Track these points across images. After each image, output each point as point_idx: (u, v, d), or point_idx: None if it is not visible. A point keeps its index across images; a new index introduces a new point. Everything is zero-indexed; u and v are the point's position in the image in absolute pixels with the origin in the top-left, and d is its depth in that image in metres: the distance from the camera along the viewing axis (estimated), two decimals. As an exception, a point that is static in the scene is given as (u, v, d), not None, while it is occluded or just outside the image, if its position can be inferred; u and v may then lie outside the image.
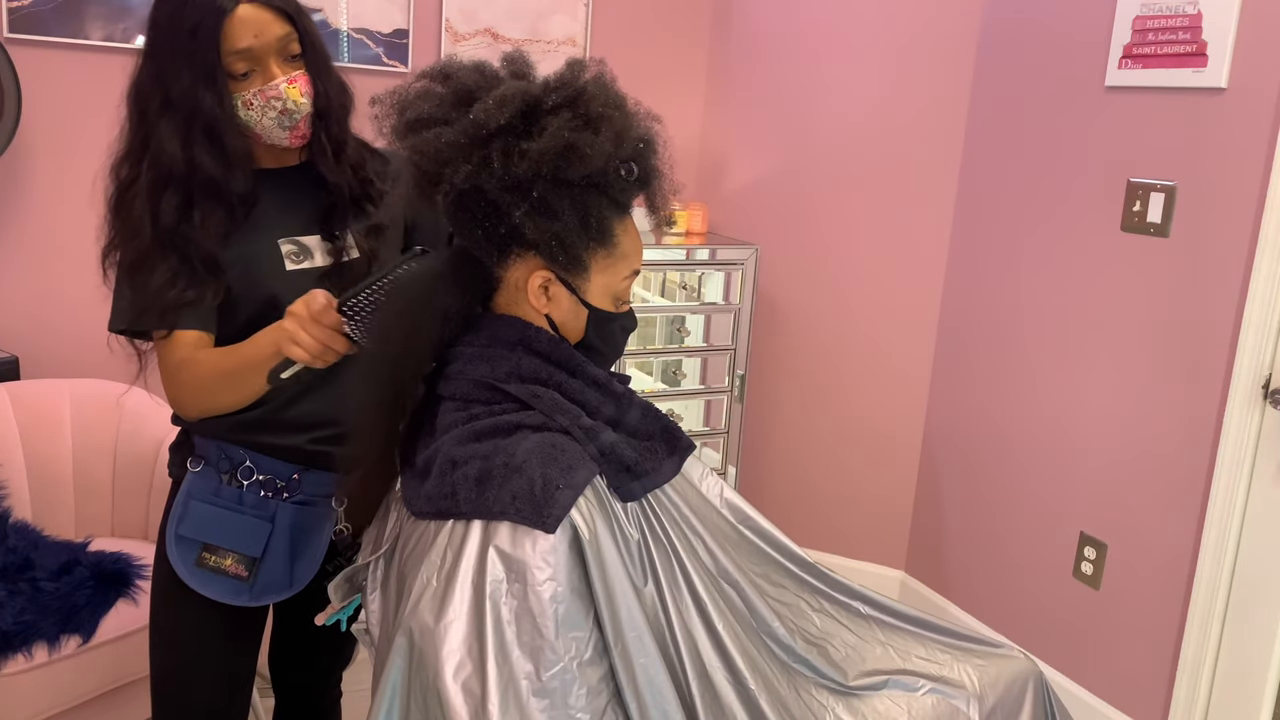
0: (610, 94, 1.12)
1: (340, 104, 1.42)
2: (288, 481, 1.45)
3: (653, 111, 1.17)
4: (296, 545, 1.46)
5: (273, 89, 1.33)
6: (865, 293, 2.99)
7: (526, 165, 1.07)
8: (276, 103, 1.33)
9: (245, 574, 1.42)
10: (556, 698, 1.00)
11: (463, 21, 2.89)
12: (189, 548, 1.42)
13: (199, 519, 1.43)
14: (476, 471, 1.07)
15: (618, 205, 1.15)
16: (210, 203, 1.33)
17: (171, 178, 1.31)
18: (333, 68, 1.42)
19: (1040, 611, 2.62)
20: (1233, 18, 2.08)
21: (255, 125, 1.35)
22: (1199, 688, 2.23)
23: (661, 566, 1.12)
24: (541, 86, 1.12)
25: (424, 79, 1.15)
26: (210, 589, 1.42)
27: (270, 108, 1.34)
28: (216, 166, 1.32)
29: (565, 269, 1.14)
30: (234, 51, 1.30)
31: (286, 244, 1.41)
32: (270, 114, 1.34)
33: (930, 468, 2.97)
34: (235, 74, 1.32)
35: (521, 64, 1.17)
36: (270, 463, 1.44)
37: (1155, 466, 2.31)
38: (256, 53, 1.31)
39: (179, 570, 1.42)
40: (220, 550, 1.43)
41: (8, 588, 1.93)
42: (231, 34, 1.29)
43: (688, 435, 1.23)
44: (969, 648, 1.31)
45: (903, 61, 2.84)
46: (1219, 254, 2.15)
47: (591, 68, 1.15)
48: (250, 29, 1.30)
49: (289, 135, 1.37)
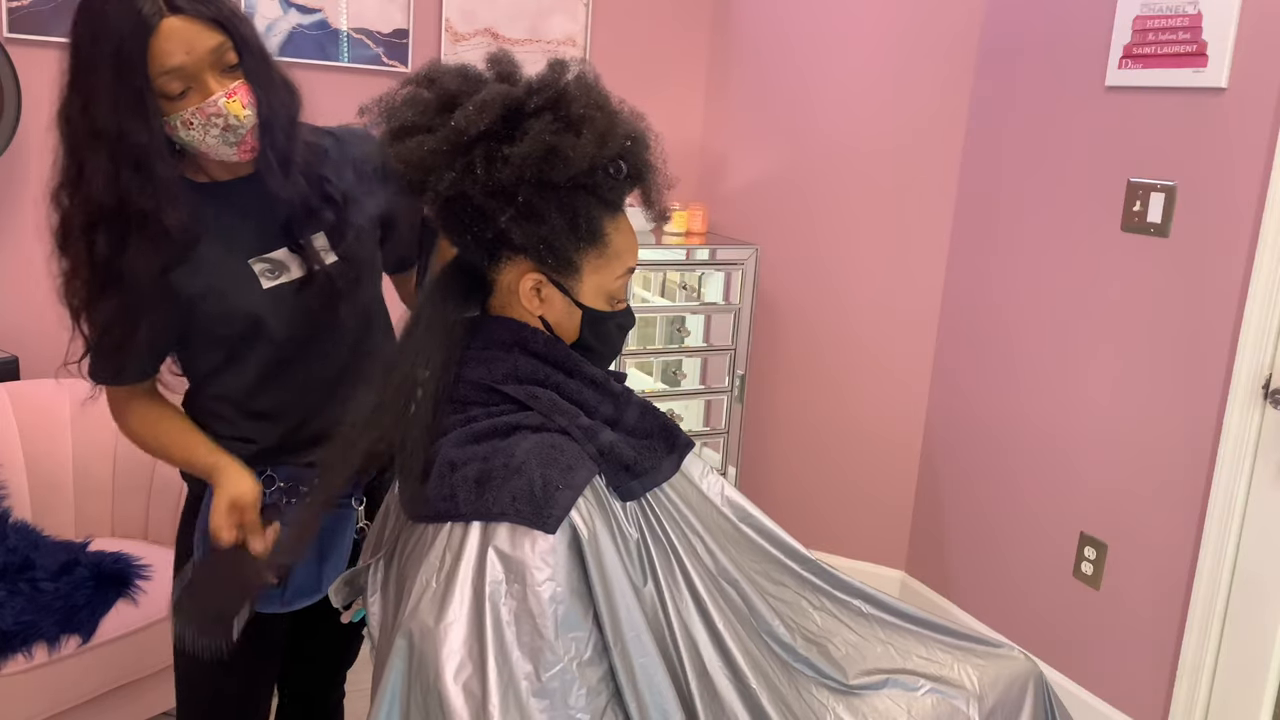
0: (593, 94, 1.11)
1: (286, 112, 1.31)
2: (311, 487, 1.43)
3: (638, 109, 1.16)
4: (324, 547, 1.44)
5: (212, 106, 1.23)
6: (865, 293, 2.99)
7: (509, 170, 1.06)
8: (218, 120, 1.24)
9: (276, 581, 1.39)
10: (556, 698, 1.00)
11: (463, 21, 2.89)
12: None
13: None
14: (476, 473, 1.07)
15: (608, 204, 1.14)
16: (144, 239, 1.24)
17: (103, 214, 1.23)
18: (275, 71, 1.31)
19: (1040, 611, 2.62)
20: (1233, 18, 2.08)
21: (199, 144, 1.26)
22: (1199, 688, 2.23)
23: (661, 566, 1.12)
24: (523, 89, 1.11)
25: (410, 84, 1.14)
26: None
27: (212, 125, 1.24)
28: (148, 200, 1.23)
29: (556, 271, 1.13)
30: (165, 71, 1.20)
31: (258, 263, 1.36)
32: (213, 132, 1.25)
33: (930, 468, 2.97)
34: (170, 94, 1.22)
35: (507, 64, 1.16)
36: (290, 470, 1.43)
37: (1155, 466, 2.31)
38: (190, 69, 1.21)
39: None
40: None
41: (8, 588, 1.93)
42: (160, 53, 1.19)
43: (686, 433, 1.23)
44: (969, 647, 1.31)
45: (903, 61, 2.84)
46: (1219, 254, 2.14)
47: (574, 68, 1.13)
48: (180, 45, 1.20)
49: (237, 151, 1.28)
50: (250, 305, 1.35)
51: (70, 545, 2.11)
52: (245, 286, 1.35)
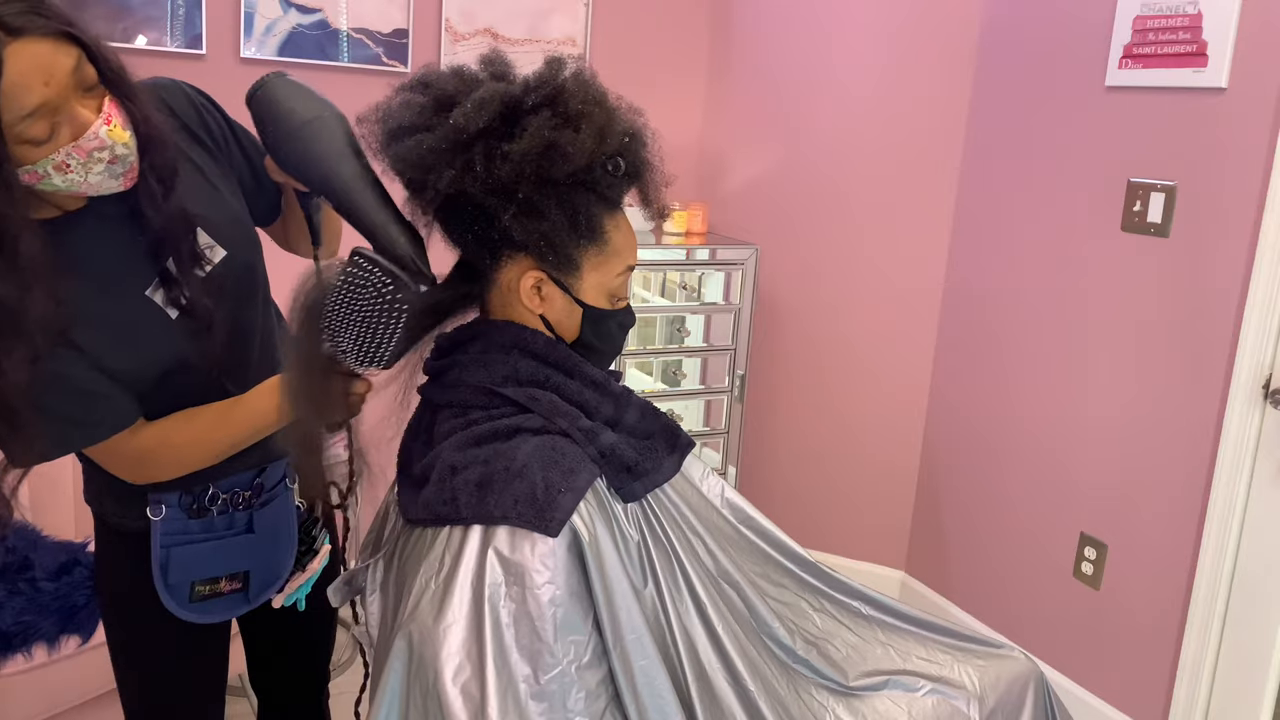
0: (590, 90, 1.11)
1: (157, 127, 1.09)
2: (251, 488, 1.39)
3: (635, 105, 1.16)
4: (277, 537, 1.43)
5: (92, 140, 1.01)
6: (865, 293, 2.99)
7: (509, 167, 1.06)
8: (101, 154, 1.02)
9: (240, 586, 1.38)
10: (555, 701, 1.00)
11: (462, 21, 2.88)
12: (180, 590, 1.35)
13: (183, 563, 1.34)
14: (477, 477, 1.07)
15: (607, 201, 1.14)
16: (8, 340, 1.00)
17: None
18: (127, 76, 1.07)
19: (1040, 611, 2.62)
20: (1233, 18, 2.08)
21: (78, 187, 1.03)
22: (1199, 688, 2.23)
23: (661, 567, 1.12)
24: (521, 87, 1.11)
25: (403, 91, 1.14)
26: (212, 614, 1.37)
27: (94, 162, 1.02)
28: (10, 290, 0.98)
29: (556, 268, 1.13)
30: (24, 116, 0.95)
31: (154, 291, 1.18)
32: (96, 169, 1.03)
33: (930, 468, 2.97)
34: (35, 141, 0.98)
35: (500, 64, 1.16)
36: (228, 480, 1.37)
37: (1155, 466, 2.31)
38: (54, 101, 0.98)
39: (176, 612, 1.34)
40: (210, 578, 1.36)
41: (7, 588, 1.93)
42: (13, 94, 0.94)
43: (687, 433, 1.23)
44: (970, 648, 1.31)
45: (903, 61, 2.84)
46: (1219, 254, 2.14)
47: (571, 65, 1.14)
48: (37, 75, 0.95)
49: (123, 181, 1.07)
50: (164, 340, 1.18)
51: (70, 545, 2.11)
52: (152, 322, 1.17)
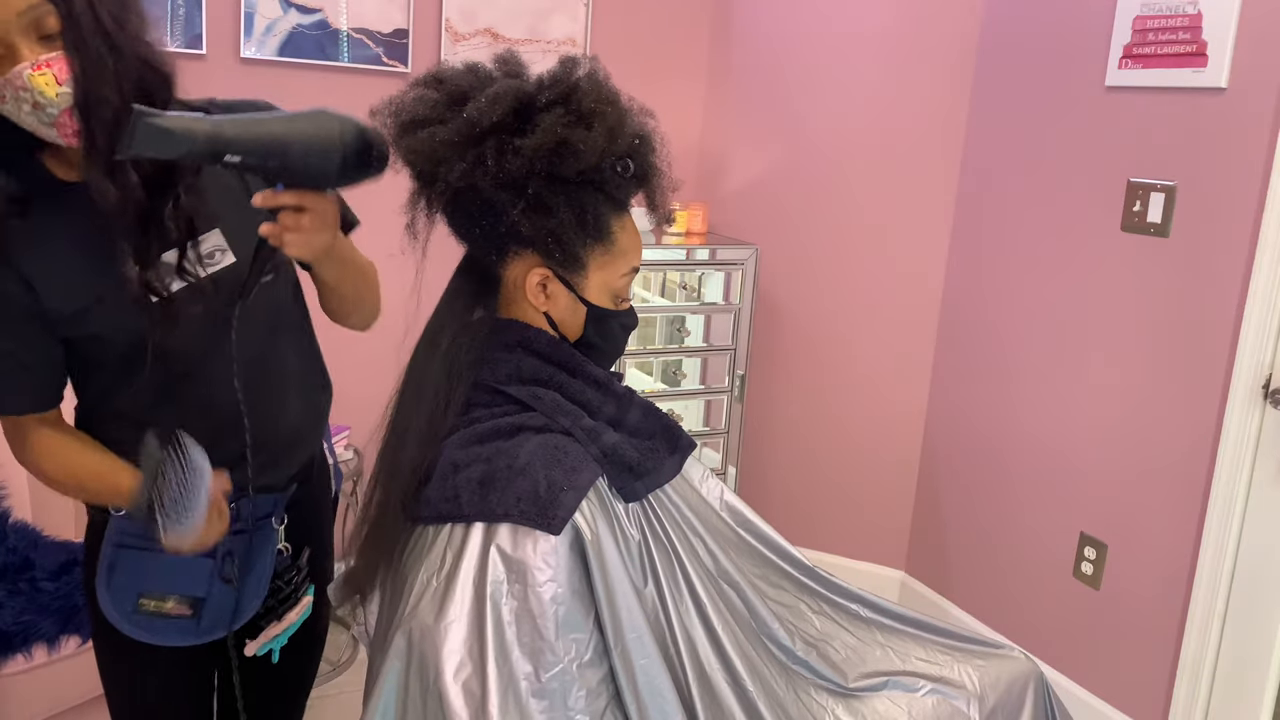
0: (604, 90, 1.12)
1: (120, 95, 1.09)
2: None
3: (647, 107, 1.17)
4: (243, 571, 1.33)
5: (18, 78, 1.05)
6: (865, 292, 2.99)
7: (520, 162, 1.07)
8: (25, 95, 1.06)
9: (190, 612, 1.31)
10: (556, 699, 1.00)
11: (463, 21, 2.88)
12: (124, 597, 1.30)
13: (132, 568, 1.29)
14: (479, 474, 1.07)
15: (615, 202, 1.15)
16: None
17: None
18: (123, 48, 1.10)
19: (1040, 611, 2.62)
20: (1233, 18, 2.08)
21: (17, 120, 1.09)
22: (1199, 688, 2.23)
23: (662, 567, 1.12)
24: (535, 84, 1.12)
25: (418, 86, 1.15)
26: (154, 635, 1.31)
27: (21, 100, 1.06)
28: None
29: (563, 266, 1.14)
30: None
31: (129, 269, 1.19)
32: (25, 108, 1.07)
33: (930, 468, 2.97)
34: None
35: (514, 64, 1.17)
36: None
37: (1155, 466, 2.31)
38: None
39: (114, 620, 1.30)
40: (159, 594, 1.30)
41: (7, 588, 1.93)
42: None
43: (688, 434, 1.23)
44: (969, 649, 1.31)
45: (903, 61, 2.84)
46: (1219, 254, 2.14)
47: (585, 64, 1.14)
48: None
49: (57, 132, 1.09)
50: (134, 319, 1.20)
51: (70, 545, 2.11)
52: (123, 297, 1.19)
